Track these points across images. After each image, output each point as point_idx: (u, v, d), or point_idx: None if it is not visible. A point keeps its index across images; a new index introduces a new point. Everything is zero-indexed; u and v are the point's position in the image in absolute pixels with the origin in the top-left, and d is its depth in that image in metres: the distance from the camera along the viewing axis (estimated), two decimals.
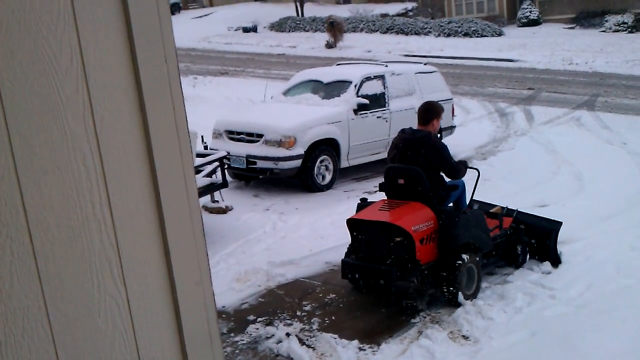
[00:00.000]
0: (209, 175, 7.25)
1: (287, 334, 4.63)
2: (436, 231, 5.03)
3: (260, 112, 9.79)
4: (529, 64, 21.88)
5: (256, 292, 5.51)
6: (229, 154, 8.30)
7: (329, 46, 27.34)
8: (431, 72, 10.92)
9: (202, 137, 8.27)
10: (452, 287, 4.95)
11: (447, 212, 5.15)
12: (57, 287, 1.39)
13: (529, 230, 5.83)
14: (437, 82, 10.84)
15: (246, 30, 34.15)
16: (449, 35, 29.72)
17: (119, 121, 1.49)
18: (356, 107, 9.24)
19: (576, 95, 16.23)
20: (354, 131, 9.23)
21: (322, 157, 8.86)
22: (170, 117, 1.58)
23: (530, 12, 32.78)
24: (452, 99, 11.02)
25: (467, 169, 5.43)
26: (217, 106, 13.59)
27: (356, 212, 5.43)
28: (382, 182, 5.49)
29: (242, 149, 8.69)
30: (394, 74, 10.08)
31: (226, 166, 7.72)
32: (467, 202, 5.64)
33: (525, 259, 5.79)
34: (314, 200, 8.46)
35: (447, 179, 5.37)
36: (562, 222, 5.91)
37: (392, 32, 30.88)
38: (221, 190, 7.51)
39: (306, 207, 8.09)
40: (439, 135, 5.60)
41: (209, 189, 7.19)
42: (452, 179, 5.36)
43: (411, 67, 10.98)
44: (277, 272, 5.84)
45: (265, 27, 35.06)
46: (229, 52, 27.57)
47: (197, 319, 1.67)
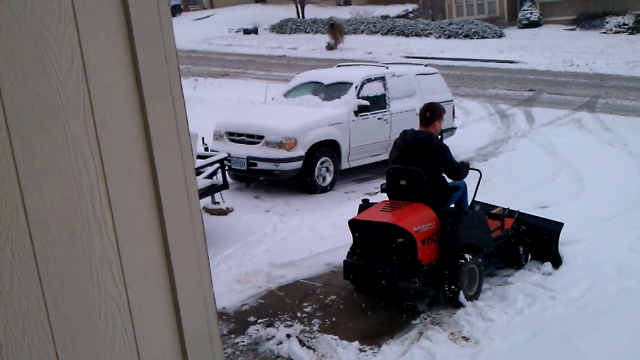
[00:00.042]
0: (210, 176, 7.25)
1: (288, 335, 4.62)
2: (438, 232, 5.03)
3: (261, 114, 9.79)
4: (529, 66, 21.87)
5: (257, 294, 5.51)
6: (229, 155, 8.30)
7: (330, 48, 27.36)
8: (432, 74, 10.92)
9: (202, 138, 8.28)
10: (453, 286, 4.94)
11: (449, 213, 5.15)
12: (57, 288, 1.39)
13: (531, 231, 5.83)
14: (437, 84, 10.83)
15: (247, 32, 34.16)
16: (449, 36, 29.73)
17: (119, 122, 1.49)
18: (357, 109, 9.24)
19: (577, 96, 16.22)
20: (354, 133, 9.23)
21: (322, 159, 8.86)
22: (170, 119, 1.58)
23: (530, 13, 32.79)
24: (452, 101, 11.02)
25: (469, 170, 5.43)
26: (218, 108, 13.59)
27: (358, 213, 5.43)
28: (383, 183, 5.49)
29: (243, 151, 8.70)
30: (394, 76, 10.08)
31: (227, 168, 7.72)
32: (468, 203, 5.64)
33: (526, 259, 5.80)
34: (315, 201, 8.46)
35: (448, 180, 5.37)
36: (563, 223, 5.91)
37: (392, 34, 30.90)
38: (222, 191, 7.51)
39: (307, 209, 8.09)
40: (439, 136, 5.60)
41: (210, 191, 7.20)
42: (454, 180, 5.36)
43: (412, 69, 10.99)
44: (278, 273, 5.84)
45: (266, 29, 35.08)
46: (230, 54, 27.58)
47: (197, 320, 1.67)
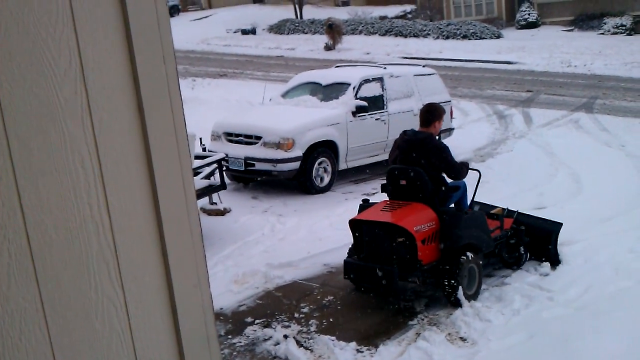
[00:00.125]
0: (208, 177, 7.25)
1: (285, 336, 4.62)
2: (438, 232, 5.05)
3: (258, 114, 9.79)
4: (527, 67, 21.90)
5: (254, 294, 5.51)
6: (227, 156, 8.30)
7: (328, 48, 27.36)
8: (430, 75, 10.93)
9: (200, 139, 8.27)
10: (453, 280, 4.95)
11: (449, 212, 5.16)
12: (54, 289, 1.38)
13: (530, 231, 5.85)
14: (435, 85, 10.84)
15: (245, 32, 34.15)
16: (447, 37, 29.76)
17: (117, 123, 1.48)
18: (355, 110, 9.24)
19: (575, 97, 16.24)
20: (352, 133, 9.23)
21: (320, 159, 8.86)
22: (168, 119, 1.58)
23: (528, 14, 32.83)
24: (450, 101, 11.03)
25: (469, 170, 5.45)
26: (216, 108, 13.57)
27: (358, 212, 5.45)
28: (384, 183, 5.51)
29: (241, 151, 8.69)
30: (392, 76, 10.08)
31: (224, 168, 7.72)
32: (468, 203, 5.65)
33: (526, 259, 5.81)
34: (313, 202, 8.46)
35: (448, 180, 5.38)
36: (562, 223, 5.93)
37: (390, 35, 30.92)
38: (219, 192, 7.51)
39: (304, 209, 8.09)
40: (438, 137, 5.62)
41: (207, 191, 7.19)
42: (454, 180, 5.38)
43: (410, 70, 11.00)
44: (275, 274, 5.83)
45: (264, 30, 35.08)
46: (228, 54, 27.56)
47: (194, 321, 1.67)
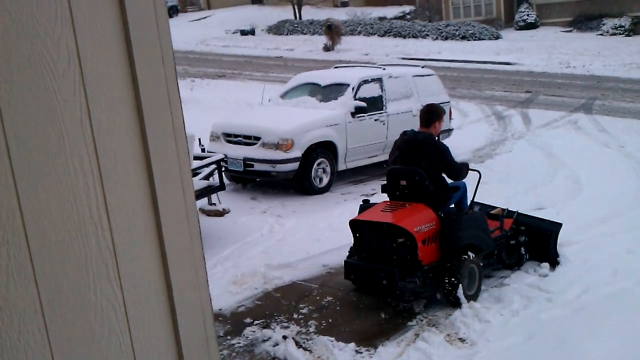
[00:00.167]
0: (206, 177, 7.26)
1: (284, 337, 4.62)
2: (438, 232, 5.06)
3: (257, 115, 9.80)
4: (526, 67, 21.91)
5: (253, 295, 5.51)
6: (226, 156, 8.30)
7: (327, 49, 27.36)
8: (429, 75, 10.93)
9: (199, 139, 8.27)
10: (453, 278, 4.95)
11: (449, 213, 5.17)
12: (53, 290, 1.38)
13: (529, 231, 5.86)
14: (434, 85, 10.85)
15: (244, 33, 34.13)
16: (446, 38, 29.76)
17: (116, 124, 1.48)
18: (354, 110, 9.24)
19: (573, 98, 16.25)
20: (351, 134, 9.23)
21: (319, 160, 8.86)
22: (167, 120, 1.58)
23: (527, 15, 32.83)
24: (449, 102, 11.03)
25: (469, 171, 5.46)
26: (215, 109, 13.58)
27: (359, 213, 5.46)
28: (384, 183, 5.52)
29: (240, 152, 8.69)
30: (391, 77, 10.08)
31: (223, 169, 7.71)
32: (468, 204, 5.66)
33: (526, 260, 5.82)
34: (311, 203, 8.46)
35: (448, 180, 5.39)
36: (562, 224, 5.94)
37: (389, 35, 30.92)
38: (218, 192, 7.51)
39: (303, 210, 8.09)
40: (437, 138, 5.63)
41: (206, 192, 7.19)
42: (454, 180, 5.39)
43: (409, 70, 11.00)
44: (274, 274, 5.83)
45: (263, 30, 35.06)
46: (227, 55, 27.54)
47: (193, 322, 1.67)
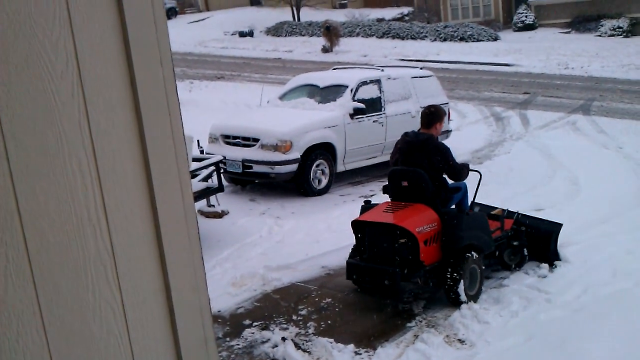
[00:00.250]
0: (205, 179, 7.25)
1: (283, 339, 4.62)
2: (440, 232, 5.07)
3: (256, 117, 9.79)
4: (524, 69, 21.92)
5: (252, 297, 5.50)
6: (225, 158, 8.30)
7: (325, 51, 27.37)
8: (427, 77, 10.93)
9: (198, 141, 8.27)
10: (455, 274, 4.96)
11: (451, 213, 5.19)
12: (52, 291, 1.38)
13: (530, 232, 5.87)
14: (433, 87, 10.85)
15: (242, 34, 34.16)
16: (445, 39, 29.78)
17: (114, 125, 1.48)
18: (352, 112, 9.25)
19: (572, 99, 16.26)
20: (350, 135, 9.23)
21: (318, 162, 8.86)
22: (166, 121, 1.58)
23: (526, 16, 32.87)
24: (448, 103, 11.04)
25: (469, 172, 5.47)
26: (213, 110, 13.58)
27: (360, 213, 5.47)
28: (385, 184, 5.54)
29: (238, 153, 8.69)
30: (390, 79, 10.09)
31: (222, 170, 7.71)
32: (468, 204, 5.67)
33: (526, 260, 5.83)
34: (310, 204, 8.45)
35: (449, 181, 5.41)
36: (562, 224, 5.95)
37: (388, 37, 30.95)
38: (217, 194, 7.51)
39: (302, 212, 8.09)
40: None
41: (205, 193, 7.19)
42: (455, 181, 5.41)
43: (407, 72, 11.00)
44: (273, 276, 5.83)
45: (261, 32, 35.10)
46: (225, 57, 27.55)
47: (192, 324, 1.67)
